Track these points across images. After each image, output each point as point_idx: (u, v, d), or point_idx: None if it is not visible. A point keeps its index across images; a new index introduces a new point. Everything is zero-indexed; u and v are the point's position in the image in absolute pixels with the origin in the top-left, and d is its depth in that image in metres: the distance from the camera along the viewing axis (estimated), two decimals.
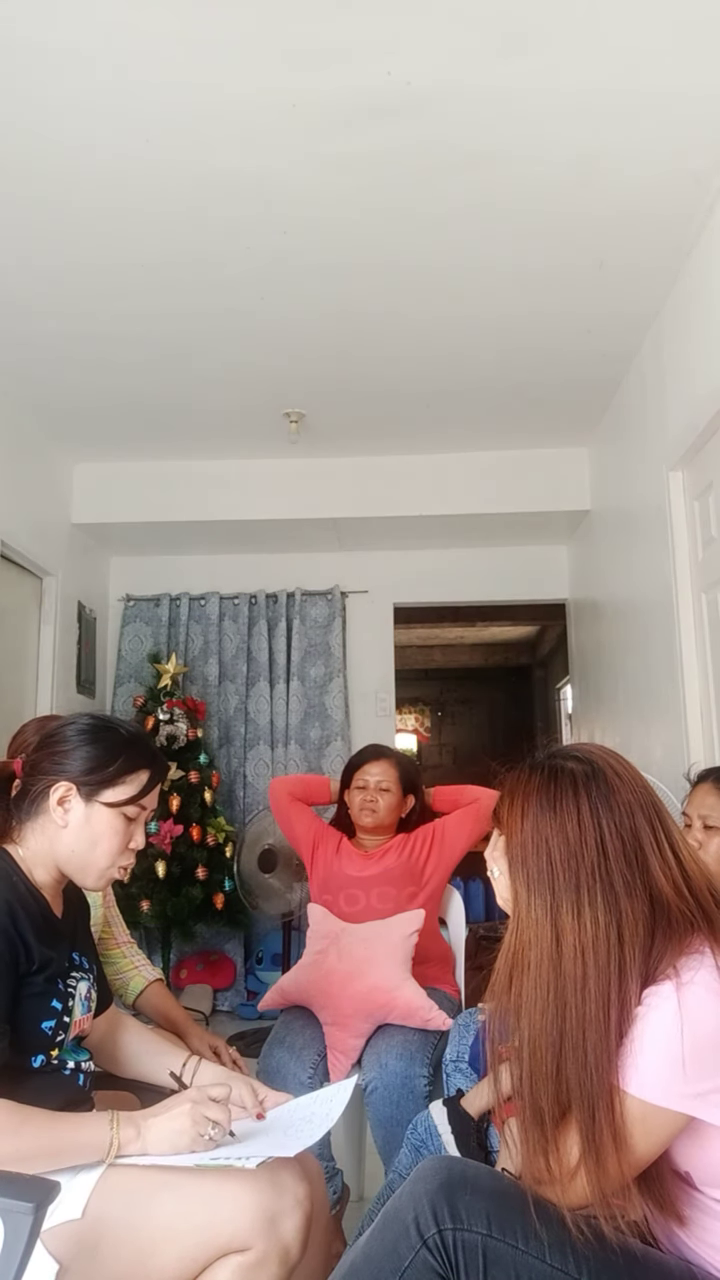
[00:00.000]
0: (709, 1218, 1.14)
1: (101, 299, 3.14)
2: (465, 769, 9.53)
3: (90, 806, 1.42)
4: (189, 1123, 1.29)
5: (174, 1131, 1.29)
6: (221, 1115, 1.31)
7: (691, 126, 2.35)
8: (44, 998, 1.37)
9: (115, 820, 1.43)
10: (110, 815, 1.43)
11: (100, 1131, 1.28)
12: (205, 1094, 1.34)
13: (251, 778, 4.89)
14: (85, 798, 1.42)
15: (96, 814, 1.42)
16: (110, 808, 1.43)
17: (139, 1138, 1.29)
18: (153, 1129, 1.29)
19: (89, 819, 1.42)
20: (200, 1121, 1.29)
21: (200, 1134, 1.29)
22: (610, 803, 1.17)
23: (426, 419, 4.17)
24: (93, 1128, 1.28)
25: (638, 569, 3.63)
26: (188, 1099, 1.33)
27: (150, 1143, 1.29)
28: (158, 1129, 1.29)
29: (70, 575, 4.56)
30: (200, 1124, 1.29)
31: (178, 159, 2.46)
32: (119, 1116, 1.30)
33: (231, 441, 4.41)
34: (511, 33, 2.06)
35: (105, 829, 1.42)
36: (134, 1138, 1.28)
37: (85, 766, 1.42)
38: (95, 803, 1.42)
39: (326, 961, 2.33)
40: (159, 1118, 1.31)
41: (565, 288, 3.09)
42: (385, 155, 2.44)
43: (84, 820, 1.42)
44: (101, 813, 1.42)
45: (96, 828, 1.42)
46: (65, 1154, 1.26)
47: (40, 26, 2.03)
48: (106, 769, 1.43)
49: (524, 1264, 1.10)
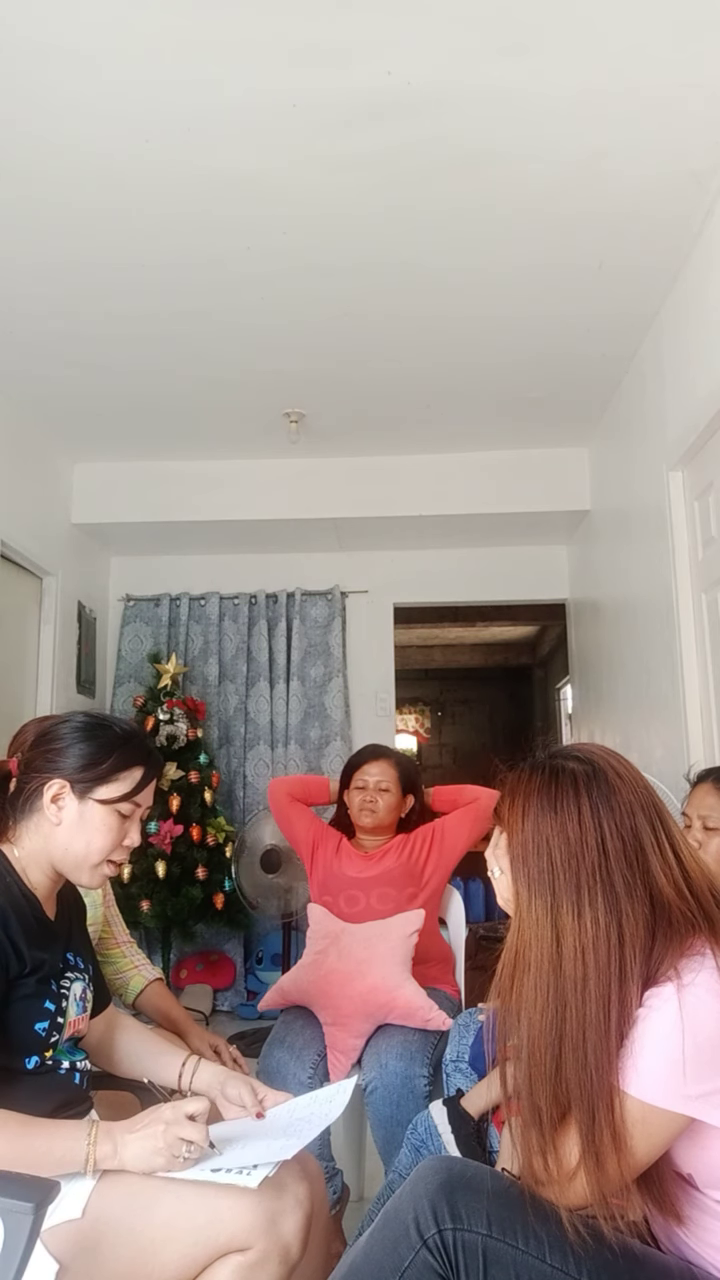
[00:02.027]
0: (709, 1218, 1.14)
1: (102, 299, 3.14)
2: (465, 769, 9.53)
3: (84, 804, 1.42)
4: (163, 1144, 1.24)
5: (149, 1152, 1.25)
6: (197, 1134, 1.26)
7: (691, 127, 2.35)
8: (36, 999, 1.36)
9: (109, 817, 1.43)
10: (104, 812, 1.43)
11: (76, 1145, 1.24)
12: (181, 1112, 1.28)
13: (251, 778, 4.89)
14: (79, 795, 1.42)
15: (90, 811, 1.42)
16: (104, 805, 1.43)
17: (115, 1155, 1.25)
18: (128, 1147, 1.25)
19: (83, 816, 1.42)
20: (174, 1143, 1.24)
21: (175, 1155, 1.24)
22: (611, 803, 1.17)
23: (426, 419, 4.17)
24: (68, 1141, 1.24)
25: (638, 569, 3.63)
26: (162, 1120, 1.27)
27: (127, 1161, 1.25)
28: (133, 1148, 1.25)
29: (70, 575, 4.55)
30: (174, 1145, 1.24)
31: (178, 159, 2.46)
32: (98, 1130, 1.26)
33: (231, 441, 4.41)
34: (512, 33, 2.06)
35: (99, 826, 1.43)
36: (111, 1154, 1.25)
37: (79, 764, 1.43)
38: (89, 800, 1.42)
39: (326, 962, 2.33)
40: (135, 1135, 1.26)
41: (565, 288, 3.09)
42: (385, 155, 2.44)
43: (78, 818, 1.42)
44: (95, 810, 1.42)
45: (90, 825, 1.42)
46: (39, 1164, 1.21)
47: (40, 27, 2.03)
48: (100, 766, 1.43)
49: (524, 1264, 1.10)
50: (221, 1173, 1.28)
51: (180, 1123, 1.26)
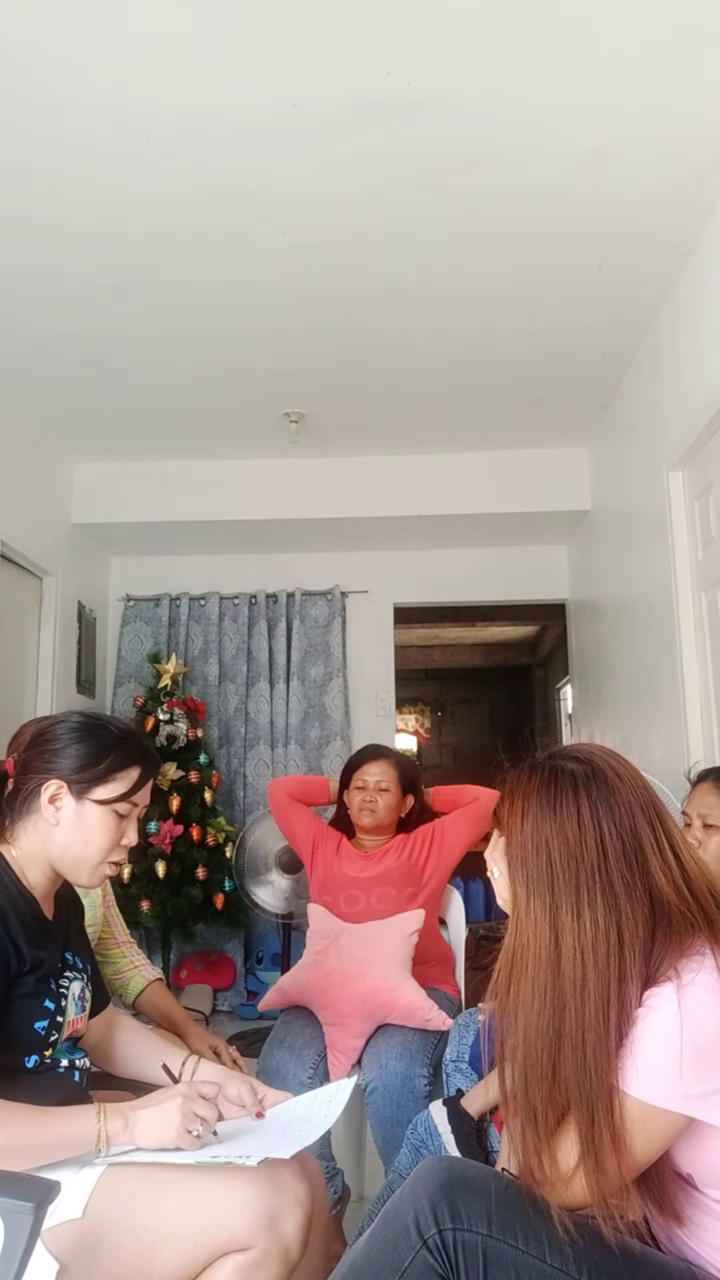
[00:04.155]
0: (709, 1218, 1.14)
1: (101, 299, 3.14)
2: (465, 769, 9.53)
3: (81, 804, 1.42)
4: (178, 1117, 1.27)
5: (163, 1124, 1.28)
6: (210, 1112, 1.30)
7: (691, 127, 2.35)
8: (35, 998, 1.37)
9: (107, 817, 1.44)
10: (102, 813, 1.43)
11: (87, 1124, 1.26)
12: (196, 1089, 1.32)
13: (251, 778, 4.89)
14: (76, 795, 1.42)
15: (88, 811, 1.42)
16: (101, 805, 1.43)
17: (127, 1129, 1.27)
18: (140, 1121, 1.28)
19: (80, 817, 1.42)
20: (189, 1118, 1.28)
21: (188, 1129, 1.27)
22: (610, 803, 1.17)
23: (426, 419, 4.17)
24: (80, 1121, 1.27)
25: (638, 569, 3.63)
26: (179, 1093, 1.30)
27: (138, 1135, 1.28)
28: (145, 1122, 1.28)
29: (70, 575, 4.56)
30: (189, 1120, 1.28)
31: (177, 159, 2.46)
32: (106, 1109, 1.28)
33: (231, 441, 4.41)
34: (511, 34, 2.06)
35: (97, 826, 1.43)
36: (122, 1129, 1.27)
37: (75, 764, 1.43)
38: (86, 800, 1.43)
39: (326, 961, 2.33)
40: (148, 1110, 1.29)
41: (565, 288, 3.09)
42: (385, 155, 2.45)
43: (75, 818, 1.42)
44: (93, 810, 1.43)
45: (88, 825, 1.42)
46: (53, 1148, 1.25)
47: (40, 27, 2.03)
48: (97, 766, 1.43)
49: (524, 1264, 1.10)
50: (221, 1159, 1.28)
51: (195, 1099, 1.30)
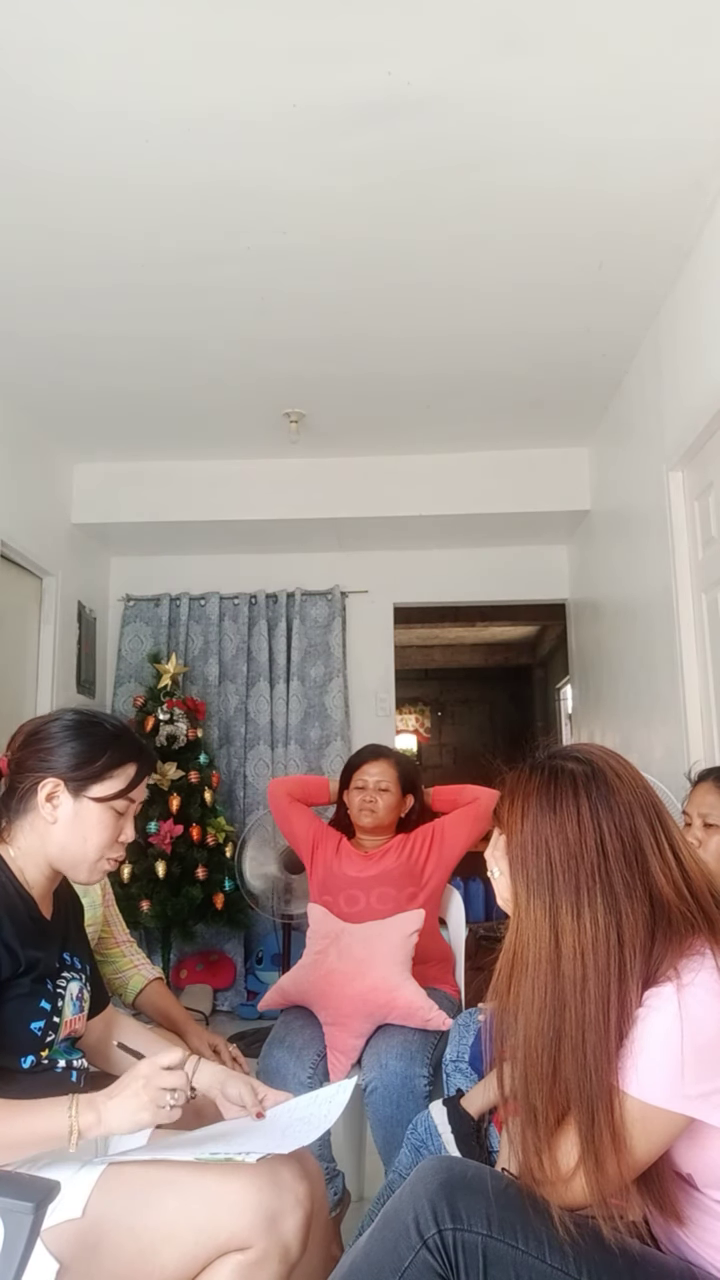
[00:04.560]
0: (709, 1218, 1.14)
1: (102, 299, 3.14)
2: (465, 769, 9.53)
3: (79, 802, 1.43)
4: (146, 1098, 1.24)
5: (134, 1109, 1.24)
6: (177, 1081, 1.26)
7: (691, 127, 2.35)
8: (32, 999, 1.36)
9: (105, 815, 1.44)
10: (99, 810, 1.44)
11: (58, 1119, 1.24)
12: (156, 1065, 1.27)
13: (251, 778, 4.89)
14: (73, 793, 1.43)
15: (85, 809, 1.43)
16: (99, 803, 1.44)
17: (100, 1123, 1.24)
18: (112, 1111, 1.25)
19: (78, 814, 1.43)
20: (157, 1094, 1.24)
21: (160, 1106, 1.24)
22: (610, 803, 1.17)
23: (426, 419, 4.17)
24: (50, 1115, 1.24)
25: (638, 569, 3.63)
26: (140, 1075, 1.26)
27: (112, 1125, 1.24)
28: (117, 1110, 1.25)
29: (70, 575, 4.55)
30: (158, 1097, 1.24)
31: (177, 159, 2.46)
32: (78, 1101, 1.25)
33: (231, 441, 4.41)
34: (511, 33, 2.06)
35: (95, 824, 1.44)
36: (95, 1123, 1.24)
37: (72, 762, 1.43)
38: (84, 798, 1.43)
39: (326, 961, 2.33)
40: (116, 1099, 1.26)
41: (565, 288, 3.09)
42: (385, 155, 2.45)
43: (73, 816, 1.43)
44: (90, 808, 1.43)
45: (86, 823, 1.43)
46: (24, 1143, 1.22)
47: (40, 27, 2.03)
48: (94, 764, 1.44)
49: (524, 1264, 1.10)
50: (221, 1155, 1.28)
51: (157, 1074, 1.26)
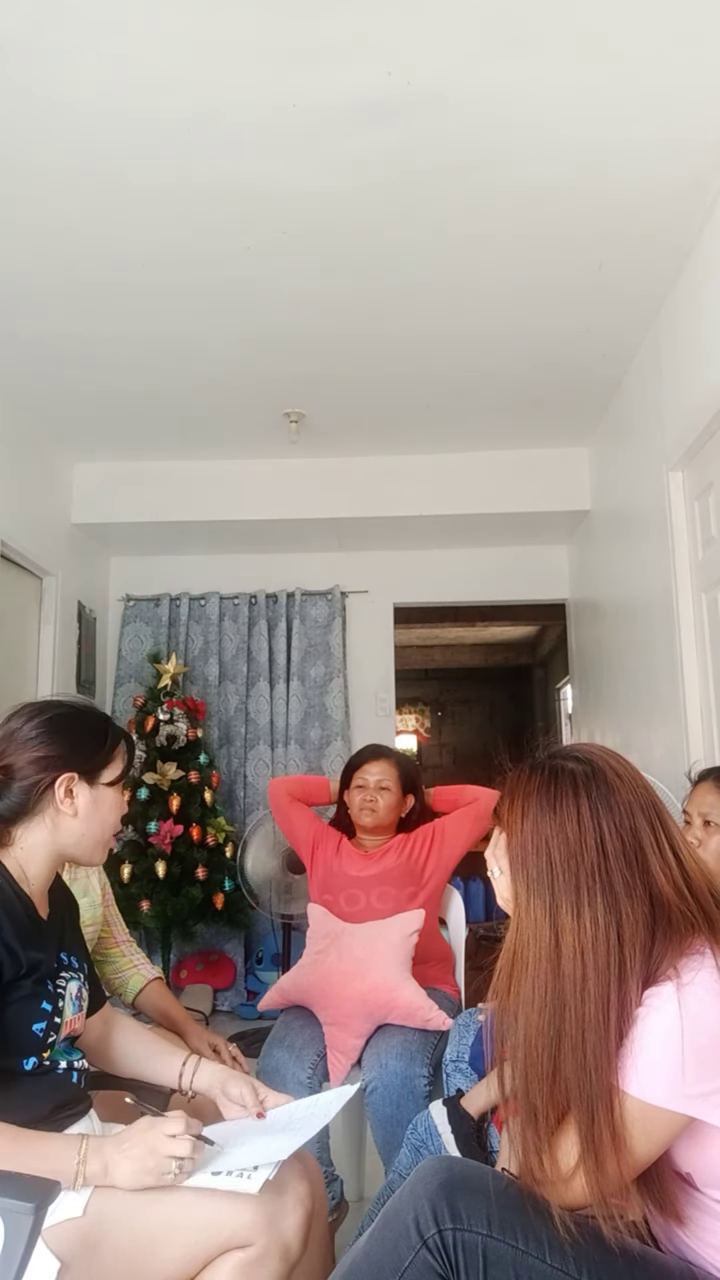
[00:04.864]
0: (709, 1217, 1.14)
1: (102, 299, 3.14)
2: (465, 769, 9.53)
3: (95, 790, 1.49)
4: (152, 1164, 1.23)
5: (139, 1172, 1.23)
6: (184, 1149, 1.24)
7: (691, 127, 2.35)
8: (33, 1000, 1.36)
9: (115, 796, 1.53)
10: (112, 793, 1.52)
11: (66, 1160, 1.23)
12: (161, 1134, 1.25)
13: (252, 778, 4.89)
14: (89, 783, 1.48)
15: (101, 795, 1.50)
16: (110, 787, 1.51)
17: (106, 1174, 1.23)
18: (118, 1168, 1.23)
19: (95, 802, 1.49)
20: (163, 1163, 1.23)
21: (164, 1173, 1.23)
22: (610, 803, 1.17)
23: (426, 419, 4.17)
24: (59, 1155, 1.23)
25: (638, 569, 3.63)
26: (145, 1143, 1.24)
27: (117, 1180, 1.24)
28: (123, 1170, 1.23)
29: (70, 575, 4.55)
30: (163, 1165, 1.23)
31: (177, 159, 2.46)
32: (88, 1146, 1.24)
33: (231, 441, 4.41)
34: (512, 33, 2.06)
35: (110, 806, 1.52)
36: (100, 1174, 1.23)
37: (81, 754, 1.48)
38: (99, 785, 1.49)
39: (326, 961, 2.33)
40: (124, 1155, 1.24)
41: (565, 288, 3.09)
42: (385, 155, 2.45)
43: (92, 804, 1.48)
44: (105, 793, 1.50)
45: (103, 807, 1.50)
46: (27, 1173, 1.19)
47: (40, 26, 2.03)
48: (101, 751, 1.50)
49: (524, 1264, 1.10)
50: (222, 1175, 1.28)
51: (163, 1143, 1.24)
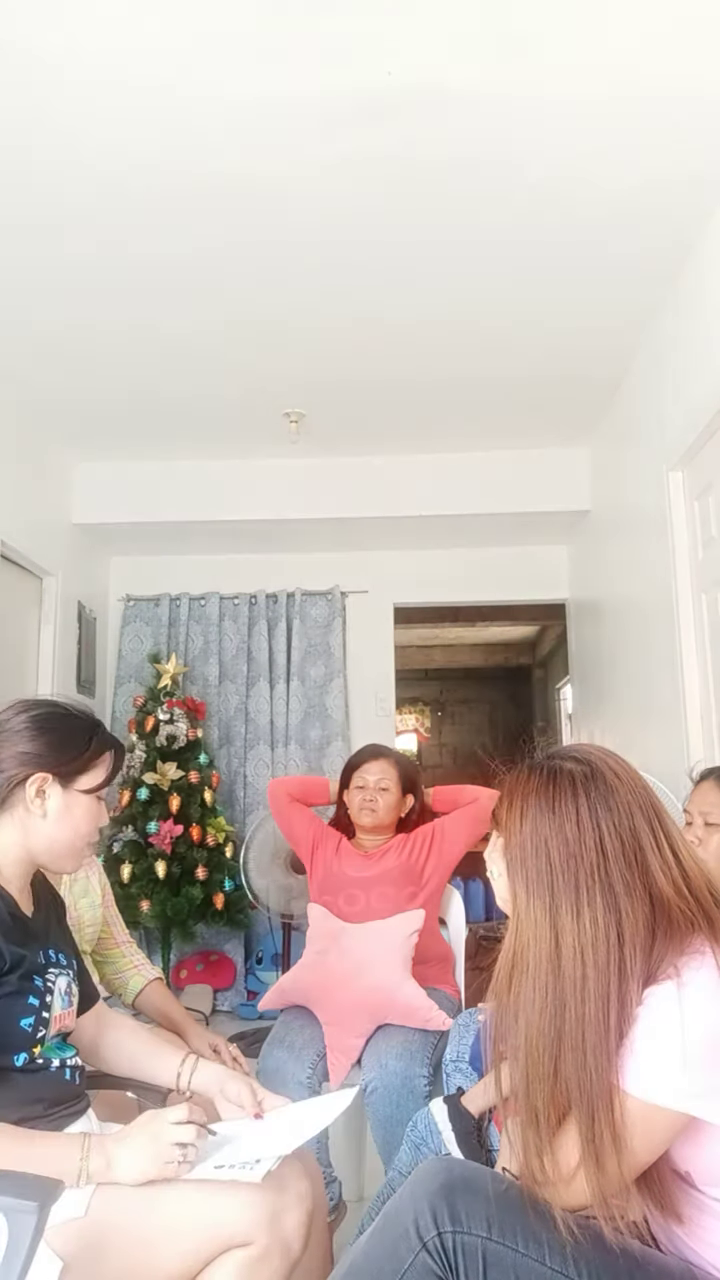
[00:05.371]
0: (709, 1217, 1.14)
1: (102, 299, 3.14)
2: (465, 769, 9.53)
3: (68, 794, 1.44)
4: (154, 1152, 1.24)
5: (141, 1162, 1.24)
6: (188, 1136, 1.25)
7: (690, 128, 2.35)
8: (20, 995, 1.36)
9: (92, 804, 1.47)
10: (87, 800, 1.46)
11: (69, 1158, 1.23)
12: (164, 1123, 1.26)
13: (252, 778, 4.89)
14: (63, 786, 1.44)
15: (75, 801, 1.45)
16: (86, 794, 1.46)
17: (109, 1169, 1.24)
18: (121, 1162, 1.24)
19: (68, 807, 1.44)
20: (166, 1152, 1.24)
21: (169, 1162, 1.24)
22: (609, 803, 1.17)
23: (427, 419, 4.17)
24: (61, 1156, 1.23)
25: (638, 569, 3.63)
26: (148, 1133, 1.26)
27: (120, 1176, 1.24)
28: (126, 1164, 1.24)
29: (70, 575, 4.55)
30: (167, 1154, 1.24)
31: (177, 159, 2.46)
32: (90, 1145, 1.25)
33: (231, 441, 4.42)
34: (512, 34, 2.06)
35: (84, 814, 1.46)
36: (104, 1169, 1.24)
37: (58, 755, 1.44)
38: (72, 790, 1.45)
39: (326, 961, 2.33)
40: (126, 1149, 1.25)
41: (565, 288, 3.09)
42: (385, 155, 2.45)
43: (63, 809, 1.44)
44: (79, 799, 1.45)
45: (75, 814, 1.45)
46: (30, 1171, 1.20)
47: (39, 26, 2.03)
48: (80, 755, 1.45)
49: (524, 1267, 1.10)
50: (225, 1169, 1.28)
51: (166, 1129, 1.25)
